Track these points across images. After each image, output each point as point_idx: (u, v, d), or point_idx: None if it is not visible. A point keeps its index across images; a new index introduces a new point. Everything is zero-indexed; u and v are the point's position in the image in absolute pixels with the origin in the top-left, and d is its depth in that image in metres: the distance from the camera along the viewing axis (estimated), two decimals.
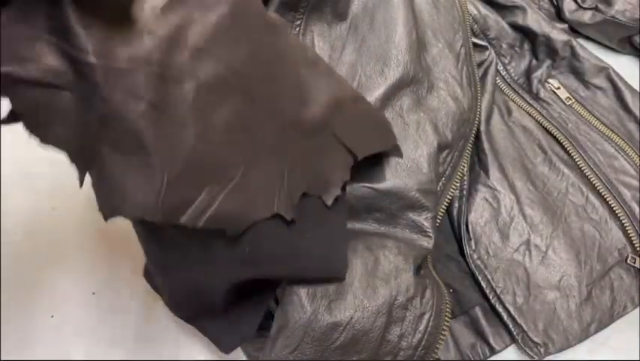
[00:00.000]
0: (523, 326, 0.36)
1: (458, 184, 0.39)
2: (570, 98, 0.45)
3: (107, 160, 0.21)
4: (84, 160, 0.21)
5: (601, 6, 0.48)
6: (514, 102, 0.46)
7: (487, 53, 0.47)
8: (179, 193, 0.21)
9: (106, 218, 0.21)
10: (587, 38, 0.50)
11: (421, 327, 0.30)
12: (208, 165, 0.22)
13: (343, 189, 0.30)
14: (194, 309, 0.32)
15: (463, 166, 0.39)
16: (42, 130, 0.19)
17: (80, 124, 0.20)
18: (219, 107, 0.22)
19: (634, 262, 0.38)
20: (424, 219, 0.34)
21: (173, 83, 0.20)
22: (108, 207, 0.21)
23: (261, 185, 0.25)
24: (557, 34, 0.46)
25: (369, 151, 0.31)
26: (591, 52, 0.46)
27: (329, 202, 0.29)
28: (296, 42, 0.26)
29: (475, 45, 0.45)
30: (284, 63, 0.25)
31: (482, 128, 0.43)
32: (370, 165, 0.33)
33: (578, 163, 0.42)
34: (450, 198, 0.37)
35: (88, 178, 0.21)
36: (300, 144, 0.27)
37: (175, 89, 0.20)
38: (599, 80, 0.46)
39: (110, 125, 0.20)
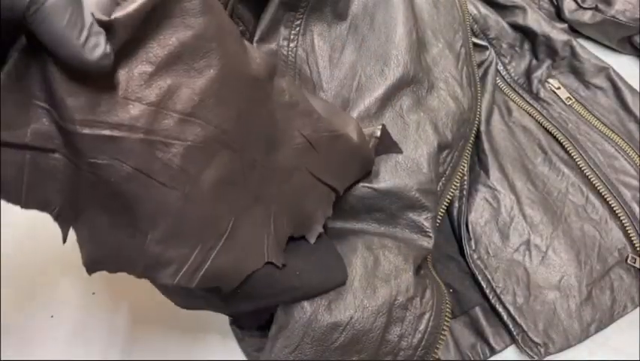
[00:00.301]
0: (523, 326, 0.36)
1: (458, 184, 0.39)
2: (570, 98, 0.45)
3: (95, 219, 0.21)
4: (69, 218, 0.21)
5: (601, 6, 0.48)
6: (514, 102, 0.46)
7: (487, 53, 0.47)
8: (166, 253, 0.21)
9: (89, 272, 0.21)
10: (587, 38, 0.50)
11: (421, 327, 0.30)
12: (197, 223, 0.22)
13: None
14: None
15: (463, 166, 0.39)
16: (27, 193, 0.19)
17: (69, 184, 0.20)
18: (207, 167, 0.22)
19: (634, 262, 0.38)
20: (424, 219, 0.34)
21: (159, 148, 0.20)
22: (92, 261, 0.21)
23: (251, 235, 0.25)
24: (557, 34, 0.46)
25: (349, 183, 0.31)
26: (591, 52, 0.46)
27: (312, 240, 0.29)
28: (277, 86, 0.26)
29: (475, 45, 0.45)
30: (263, 112, 0.25)
31: (482, 128, 0.43)
32: None
33: (578, 163, 0.42)
34: (450, 198, 0.37)
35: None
36: (281, 186, 0.27)
37: (162, 153, 0.20)
38: (599, 80, 0.46)
39: (98, 186, 0.20)
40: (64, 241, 0.21)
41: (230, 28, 0.23)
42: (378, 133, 0.32)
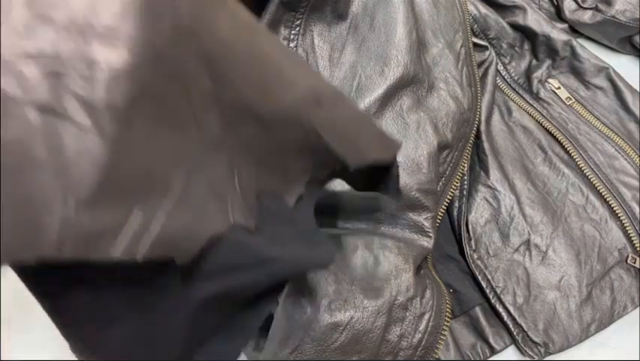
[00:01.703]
0: (524, 326, 0.36)
1: (458, 184, 0.39)
2: (570, 98, 0.45)
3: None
4: None
5: (601, 6, 0.48)
6: (515, 102, 0.46)
7: (487, 52, 0.47)
8: (97, 220, 0.16)
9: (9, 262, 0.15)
10: (587, 38, 0.50)
11: (421, 327, 0.30)
12: (133, 176, 0.17)
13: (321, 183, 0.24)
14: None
15: (463, 166, 0.39)
16: None
17: None
18: (141, 101, 0.16)
19: (634, 262, 0.38)
20: (424, 220, 0.34)
21: (74, 78, 0.15)
22: (7, 253, 0.15)
23: (209, 190, 0.20)
24: (557, 33, 0.46)
25: (366, 160, 0.24)
26: (591, 52, 0.46)
27: (291, 201, 0.23)
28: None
29: (475, 45, 0.45)
30: (241, 45, 0.20)
31: (482, 128, 0.43)
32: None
33: (578, 163, 0.42)
34: (450, 198, 0.37)
35: None
36: (259, 136, 0.21)
37: (76, 85, 0.15)
38: (599, 80, 0.46)
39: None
40: None
41: None
42: None
